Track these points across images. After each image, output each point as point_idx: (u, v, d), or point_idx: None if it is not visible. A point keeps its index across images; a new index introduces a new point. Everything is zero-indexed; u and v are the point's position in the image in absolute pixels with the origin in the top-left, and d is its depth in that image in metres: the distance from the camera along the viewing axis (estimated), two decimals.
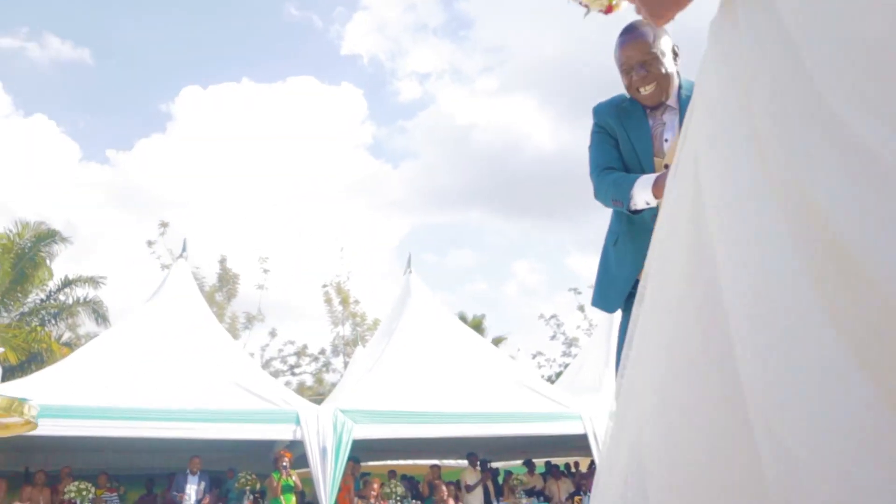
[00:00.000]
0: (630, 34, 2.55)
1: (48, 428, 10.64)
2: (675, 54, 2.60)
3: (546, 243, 54.26)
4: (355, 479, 12.95)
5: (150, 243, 24.07)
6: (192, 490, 11.61)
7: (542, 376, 28.03)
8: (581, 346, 28.76)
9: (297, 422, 11.51)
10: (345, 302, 24.47)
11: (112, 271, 42.47)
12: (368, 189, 48.97)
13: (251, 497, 11.78)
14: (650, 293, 1.28)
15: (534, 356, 30.63)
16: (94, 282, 22.44)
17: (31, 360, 20.18)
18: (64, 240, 21.89)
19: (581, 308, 29.54)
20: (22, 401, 4.20)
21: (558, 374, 28.24)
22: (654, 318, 1.25)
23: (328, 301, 24.55)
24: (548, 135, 53.00)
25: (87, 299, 22.30)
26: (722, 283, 1.05)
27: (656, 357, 1.19)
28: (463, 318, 30.97)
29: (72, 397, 10.94)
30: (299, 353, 25.48)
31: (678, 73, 2.61)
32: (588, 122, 2.71)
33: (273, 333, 24.91)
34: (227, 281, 23.86)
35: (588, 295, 30.29)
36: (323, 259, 44.80)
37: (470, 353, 14.05)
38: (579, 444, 13.55)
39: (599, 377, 14.90)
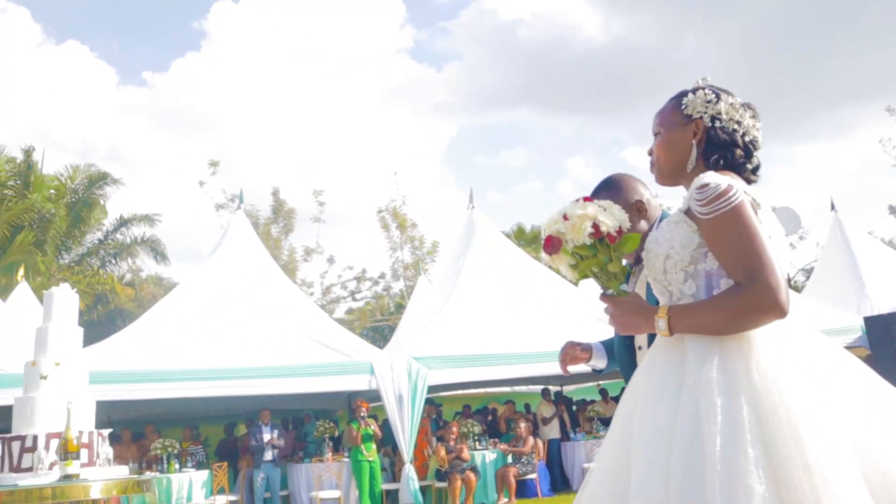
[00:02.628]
0: (595, 197, 2.68)
1: (131, 392, 11.02)
2: (640, 209, 2.63)
3: (600, 138, 53.32)
4: (432, 420, 13.25)
5: (201, 183, 24.09)
6: (266, 440, 11.98)
7: None
8: None
9: (372, 371, 11.69)
10: (402, 226, 24.42)
11: (161, 198, 42.74)
12: (412, 94, 48.14)
13: (330, 444, 12.11)
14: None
15: None
16: (149, 220, 22.67)
17: (96, 303, 20.71)
18: (116, 181, 22.01)
19: None
20: (140, 483, 4.28)
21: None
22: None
23: (385, 227, 24.53)
24: (597, 26, 51.18)
25: (145, 238, 22.59)
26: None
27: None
28: (521, 230, 30.79)
29: (151, 361, 11.20)
30: (359, 279, 25.71)
31: (649, 220, 2.64)
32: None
33: (331, 260, 25.09)
34: (281, 214, 23.90)
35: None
36: (375, 176, 44.39)
37: (538, 288, 13.96)
38: None
39: None
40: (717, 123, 1.99)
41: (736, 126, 1.98)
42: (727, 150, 1.98)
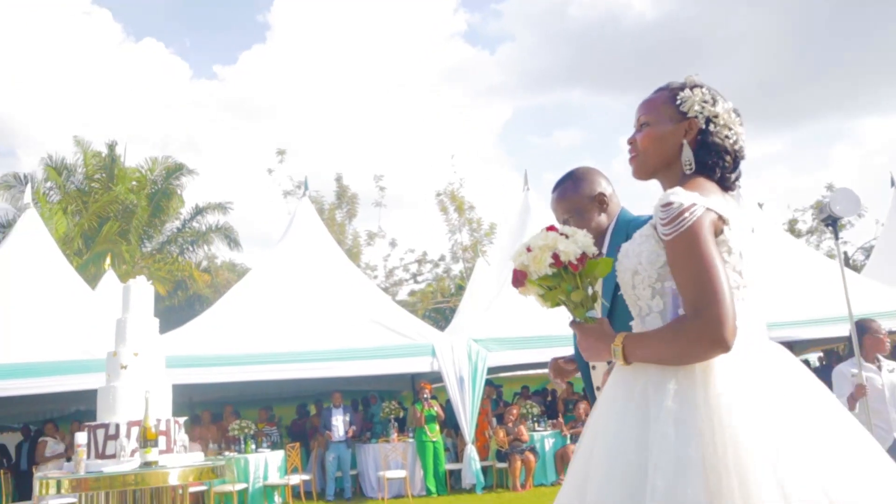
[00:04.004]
0: (555, 191, 2.71)
1: (210, 375, 11.66)
2: (601, 202, 2.64)
3: None
4: (492, 401, 13.55)
5: (269, 171, 24.83)
6: (338, 421, 12.44)
7: None
8: None
9: (433, 353, 12.02)
10: (459, 209, 24.71)
11: (233, 187, 43.99)
12: (467, 77, 48.17)
13: (395, 425, 12.51)
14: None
15: None
16: (222, 208, 23.55)
17: (176, 289, 21.69)
18: (191, 172, 22.93)
19: None
20: (213, 468, 4.67)
21: None
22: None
23: (443, 210, 24.87)
24: (647, 2, 50.12)
25: (219, 226, 23.48)
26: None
27: None
28: None
29: (227, 345, 11.80)
30: (420, 261, 26.19)
31: (609, 216, 2.66)
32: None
33: (393, 244, 25.62)
34: (345, 199, 24.49)
35: None
36: (433, 160, 44.75)
37: None
38: None
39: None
40: (712, 127, 1.91)
41: (728, 132, 1.91)
42: (719, 156, 1.91)
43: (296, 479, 11.75)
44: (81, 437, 4.59)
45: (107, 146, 22.42)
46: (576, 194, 2.66)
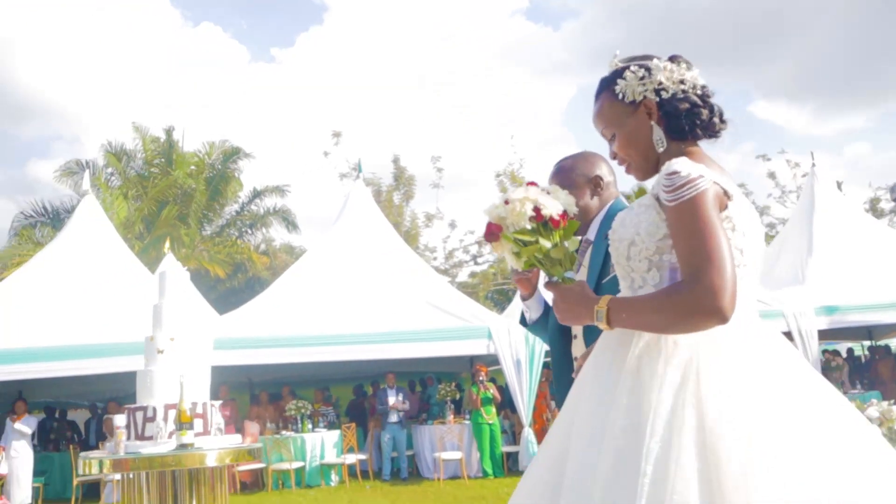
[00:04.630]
0: (554, 168, 2.66)
1: (267, 356, 11.75)
2: (597, 185, 2.58)
3: (724, 92, 50.69)
4: (550, 384, 13.33)
5: (325, 154, 24.92)
6: (392, 402, 12.44)
7: None
8: (773, 214, 27.15)
9: (489, 336, 11.87)
10: None
11: (291, 169, 44.52)
12: (529, 55, 47.60)
13: (452, 407, 12.43)
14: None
15: None
16: (280, 191, 23.76)
17: (236, 271, 22.01)
18: (248, 155, 23.17)
19: (772, 175, 27.57)
20: (249, 450, 4.63)
21: None
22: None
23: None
24: None
25: (277, 208, 23.71)
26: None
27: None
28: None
29: (284, 327, 11.86)
30: (480, 243, 25.93)
31: (602, 202, 2.60)
32: None
33: (453, 225, 25.44)
34: (402, 181, 24.43)
35: (777, 161, 27.95)
36: (492, 140, 44.42)
37: None
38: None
39: (801, 268, 13.97)
40: (665, 94, 1.83)
41: (682, 86, 1.82)
42: (691, 115, 1.82)
43: (352, 458, 11.80)
44: (120, 420, 4.60)
45: (164, 131, 22.81)
46: (572, 171, 2.60)
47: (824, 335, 12.76)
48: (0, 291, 13.15)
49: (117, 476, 6.14)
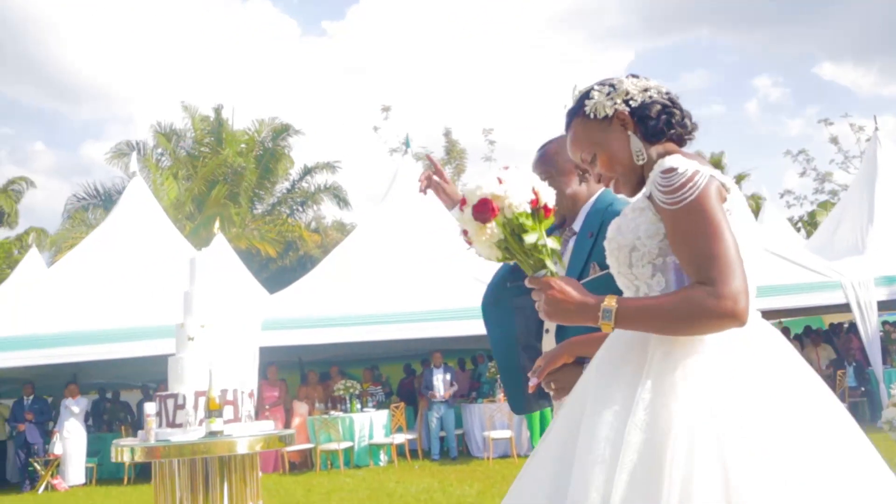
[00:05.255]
0: (538, 153, 2.51)
1: (316, 336, 11.71)
2: (584, 170, 2.40)
3: (788, 53, 49.23)
4: None
5: (375, 129, 24.77)
6: (438, 381, 12.31)
7: (792, 217, 26.10)
8: (835, 181, 26.16)
9: None
10: None
11: (342, 145, 44.58)
12: (585, 20, 46.63)
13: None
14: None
15: (781, 195, 28.37)
16: (330, 167, 23.69)
17: (287, 250, 22.09)
18: (297, 132, 23.13)
19: (834, 140, 26.53)
20: (280, 437, 4.50)
21: (811, 215, 26.13)
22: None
23: None
24: None
25: (328, 185, 23.66)
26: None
27: None
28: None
29: (333, 306, 11.80)
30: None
31: (589, 190, 2.44)
32: None
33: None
34: (454, 155, 24.17)
35: (840, 125, 26.92)
36: (545, 110, 43.75)
37: None
38: (842, 310, 12.54)
39: (861, 236, 13.37)
40: (633, 103, 1.77)
41: (648, 93, 1.77)
42: (666, 113, 1.77)
43: (400, 438, 11.73)
44: (150, 407, 4.51)
45: (213, 110, 22.90)
46: (558, 155, 2.40)
47: (884, 306, 12.24)
48: (52, 274, 13.39)
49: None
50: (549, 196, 1.65)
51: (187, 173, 22.20)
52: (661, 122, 1.76)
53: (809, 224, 25.33)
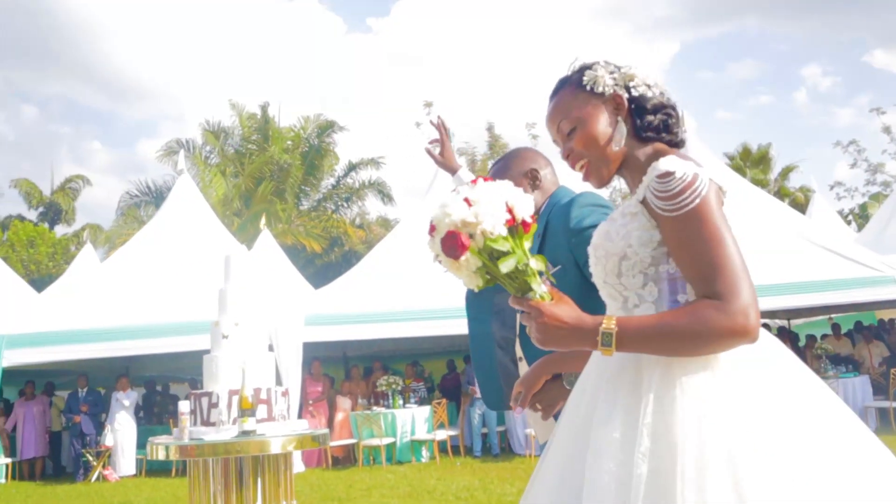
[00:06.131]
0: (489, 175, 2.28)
1: (357, 331, 11.81)
2: (534, 178, 2.44)
3: (838, 41, 47.90)
4: None
5: (417, 124, 24.82)
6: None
7: (843, 210, 25.41)
8: (887, 172, 25.38)
9: None
10: None
11: (386, 141, 44.82)
12: (630, 12, 46.02)
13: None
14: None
15: (831, 187, 27.61)
16: (374, 163, 23.84)
17: (332, 245, 22.29)
18: (342, 128, 23.32)
19: (886, 130, 25.70)
20: (314, 437, 4.54)
21: (862, 207, 25.40)
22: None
23: None
24: None
25: (372, 181, 23.82)
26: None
27: None
28: (747, 150, 28.77)
29: (376, 302, 11.87)
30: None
31: (543, 194, 2.45)
32: None
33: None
34: (497, 149, 24.07)
35: (893, 114, 26.14)
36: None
37: (759, 217, 12.89)
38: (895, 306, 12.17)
39: None
40: (635, 92, 1.67)
41: (652, 88, 1.67)
42: (664, 112, 1.67)
43: (442, 434, 11.74)
44: (185, 405, 4.59)
45: (260, 108, 23.22)
46: (506, 171, 2.46)
47: None
48: (105, 270, 13.74)
49: None
50: (526, 208, 1.48)
51: (235, 170, 22.56)
52: (657, 122, 1.66)
53: (860, 217, 24.61)
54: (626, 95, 1.67)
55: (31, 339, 11.26)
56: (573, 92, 1.71)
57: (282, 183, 22.16)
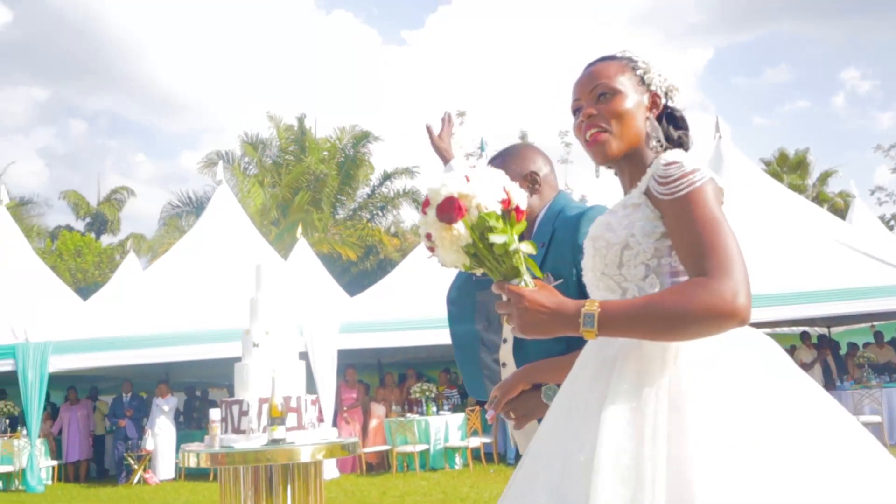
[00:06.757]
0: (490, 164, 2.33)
1: (390, 339, 11.93)
2: (533, 181, 2.29)
3: (877, 43, 46.96)
4: None
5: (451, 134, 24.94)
6: None
7: (884, 215, 24.90)
8: None
9: None
10: None
11: (419, 151, 45.01)
12: (662, 19, 45.69)
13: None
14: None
15: (871, 192, 27.08)
16: (409, 172, 24.04)
17: (367, 253, 22.50)
18: (377, 139, 23.57)
19: None
20: (343, 445, 4.63)
21: None
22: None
23: None
24: None
25: (406, 190, 24.02)
26: None
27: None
28: (784, 156, 28.38)
29: (409, 309, 11.96)
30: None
31: (542, 199, 2.31)
32: None
33: (583, 200, 24.84)
34: None
35: None
36: None
37: (797, 222, 12.73)
38: None
39: None
40: (670, 101, 1.70)
41: (685, 112, 1.71)
42: (686, 129, 1.70)
43: (476, 441, 11.78)
44: (216, 413, 4.71)
45: (296, 119, 23.58)
46: (506, 170, 2.19)
47: None
48: (146, 278, 14.07)
49: None
50: (520, 198, 1.49)
51: (272, 181, 22.94)
52: (676, 138, 1.68)
53: None
54: (663, 101, 1.69)
55: (76, 345, 11.61)
56: (622, 68, 1.68)
57: (318, 193, 22.47)
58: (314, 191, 22.38)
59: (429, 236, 1.49)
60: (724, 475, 1.29)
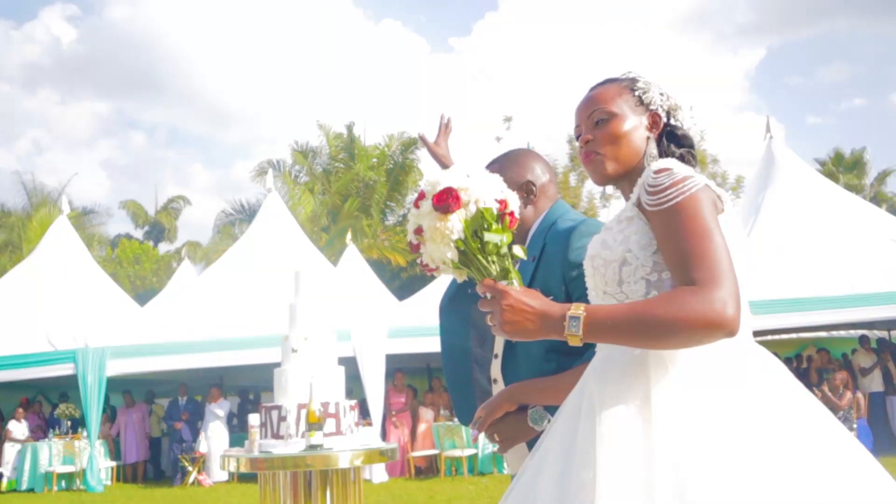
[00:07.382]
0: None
1: (435, 343, 11.93)
2: (528, 191, 2.19)
3: None
4: None
5: (497, 139, 24.93)
6: None
7: None
8: None
9: None
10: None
11: (468, 156, 45.05)
12: (712, 20, 44.93)
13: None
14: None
15: None
16: None
17: (416, 259, 22.64)
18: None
19: None
20: (381, 451, 4.68)
21: None
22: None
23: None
24: None
25: None
26: None
27: None
28: (840, 155, 27.65)
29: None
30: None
31: (537, 210, 2.22)
32: None
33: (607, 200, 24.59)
34: (578, 162, 23.92)
35: None
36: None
37: (853, 223, 12.37)
38: None
39: None
40: (673, 120, 1.71)
41: (690, 131, 1.71)
42: (690, 146, 1.69)
43: None
44: (255, 419, 4.79)
45: (345, 128, 23.89)
46: (509, 175, 2.15)
47: None
48: (199, 285, 14.40)
49: None
50: (515, 204, 1.48)
51: (322, 188, 23.24)
52: (678, 155, 1.65)
53: None
54: (665, 120, 1.70)
55: (133, 350, 11.94)
56: (620, 91, 1.71)
57: (367, 199, 22.69)
58: (363, 197, 22.61)
59: (419, 230, 1.46)
60: (722, 481, 1.28)
